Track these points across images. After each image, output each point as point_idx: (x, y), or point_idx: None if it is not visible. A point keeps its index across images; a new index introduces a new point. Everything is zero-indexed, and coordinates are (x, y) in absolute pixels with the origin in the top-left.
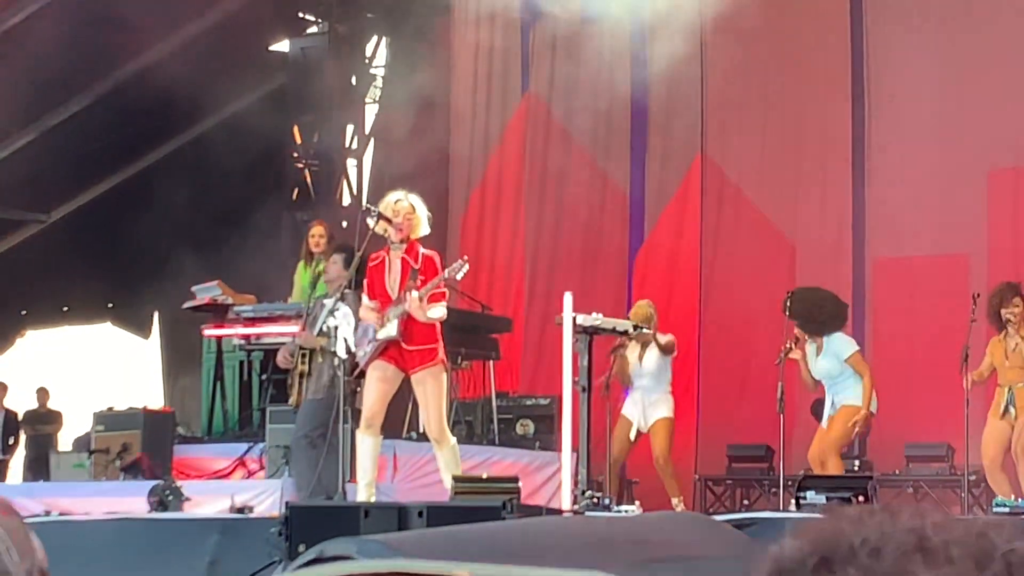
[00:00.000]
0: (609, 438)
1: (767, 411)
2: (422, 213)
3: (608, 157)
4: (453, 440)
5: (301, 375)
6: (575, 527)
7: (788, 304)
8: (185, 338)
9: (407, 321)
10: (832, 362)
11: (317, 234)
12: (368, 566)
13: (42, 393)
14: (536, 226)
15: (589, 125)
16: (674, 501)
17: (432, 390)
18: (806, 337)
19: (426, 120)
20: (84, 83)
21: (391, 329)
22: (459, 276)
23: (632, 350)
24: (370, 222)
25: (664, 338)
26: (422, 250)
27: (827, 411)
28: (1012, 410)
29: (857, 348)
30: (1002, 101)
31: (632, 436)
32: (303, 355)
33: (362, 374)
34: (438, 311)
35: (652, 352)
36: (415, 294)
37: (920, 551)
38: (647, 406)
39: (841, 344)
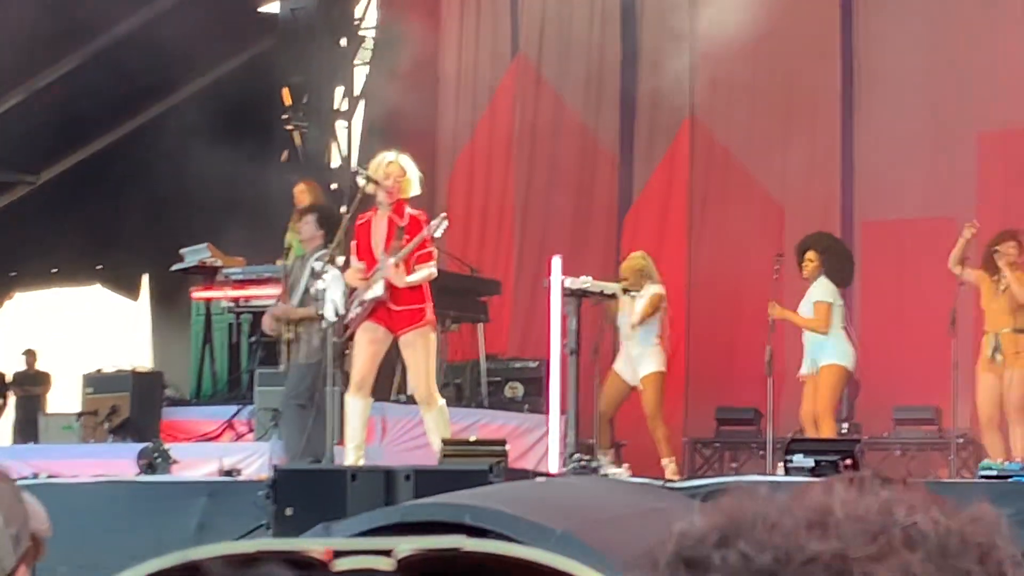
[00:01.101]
0: (597, 400)
1: (755, 374)
2: (413, 175)
3: (598, 119)
4: (442, 402)
5: (288, 342)
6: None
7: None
8: (174, 300)
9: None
10: (808, 306)
11: (298, 191)
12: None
13: (30, 355)
14: (525, 188)
15: (580, 87)
16: (664, 462)
17: (421, 351)
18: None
19: (416, 82)
20: (73, 44)
21: (378, 289)
22: (438, 233)
23: (624, 300)
24: (360, 183)
25: (648, 295)
26: (409, 210)
27: (806, 362)
28: (999, 356)
29: (832, 302)
30: (992, 63)
31: (621, 391)
32: (287, 323)
33: (351, 336)
34: (422, 273)
35: (640, 304)
36: (390, 260)
37: (817, 526)
38: (635, 360)
39: (822, 289)
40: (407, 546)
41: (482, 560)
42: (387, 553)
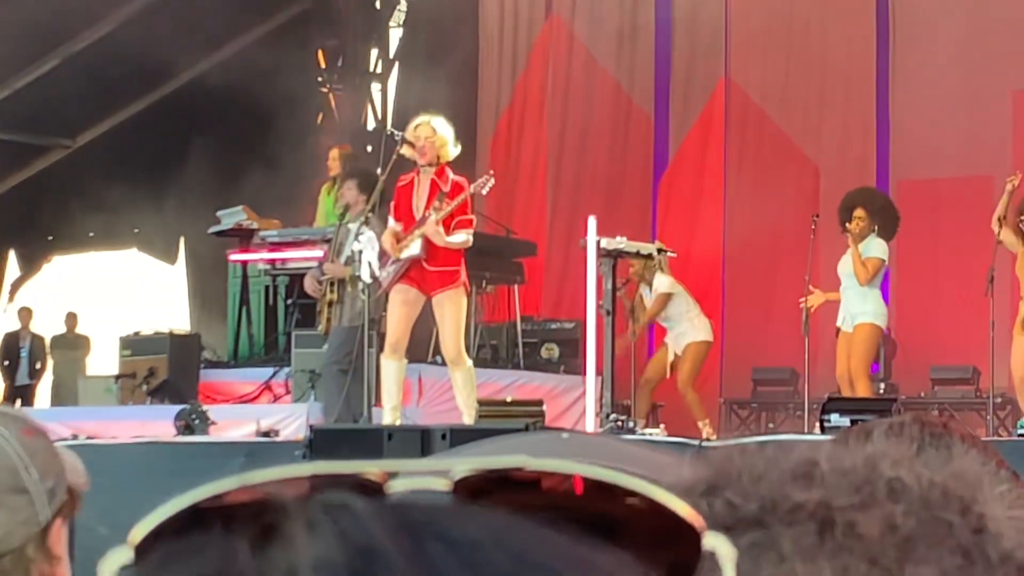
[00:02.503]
0: (634, 361)
1: (792, 334)
2: (446, 134)
3: (632, 80)
4: (469, 363)
5: (330, 303)
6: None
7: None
8: (211, 263)
9: (431, 241)
10: (849, 262)
11: (331, 157)
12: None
13: (71, 318)
14: (559, 150)
15: (613, 48)
16: (700, 424)
17: (451, 311)
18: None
19: (451, 43)
20: (109, 8)
21: (415, 248)
22: (484, 191)
23: (644, 290)
24: (396, 148)
25: (660, 285)
26: (452, 175)
27: (841, 315)
28: None
29: (885, 260)
30: None
31: (668, 364)
32: (331, 283)
33: (385, 294)
34: (460, 237)
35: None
36: (433, 217)
37: (803, 478)
38: (676, 337)
39: (877, 246)
40: (464, 466)
41: (541, 480)
42: (444, 473)
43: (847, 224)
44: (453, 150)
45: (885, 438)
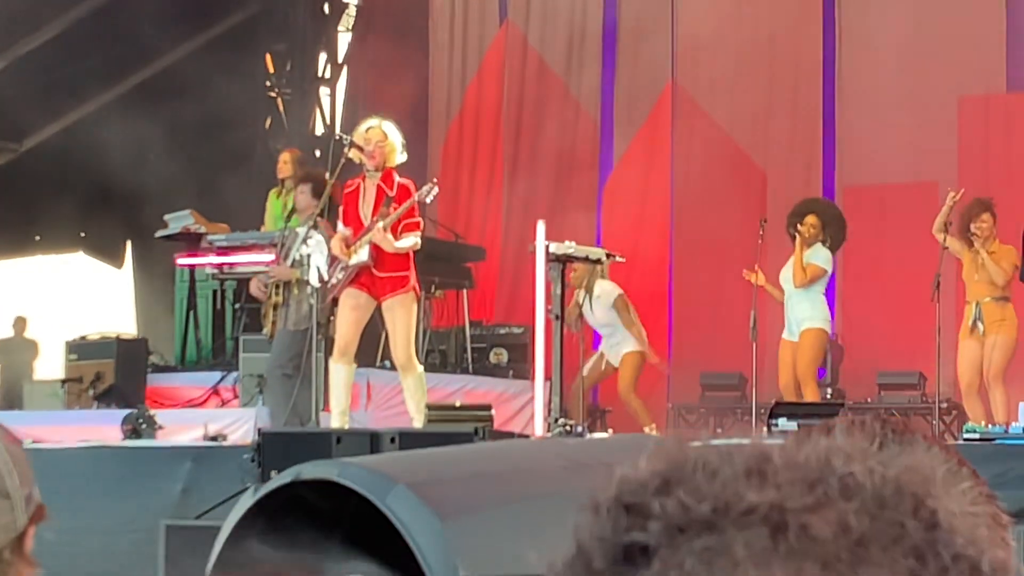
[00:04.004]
0: (580, 367)
1: (740, 339)
2: (396, 140)
3: (580, 84)
4: (420, 368)
5: (275, 306)
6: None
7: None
8: (158, 267)
9: (379, 247)
10: (794, 270)
11: (281, 160)
12: None
13: (19, 322)
14: (513, 155)
15: (562, 51)
16: (647, 429)
17: (400, 317)
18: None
19: (402, 49)
20: (55, 11)
21: (363, 255)
22: (428, 199)
23: (584, 300)
24: (344, 149)
25: (607, 296)
26: (398, 178)
27: (788, 325)
28: (980, 325)
29: (828, 271)
30: (973, 27)
31: (602, 371)
32: (277, 286)
33: (335, 301)
34: (408, 241)
35: (597, 303)
36: (380, 224)
37: (755, 475)
38: (611, 347)
39: (821, 255)
40: None
41: None
42: None
43: (798, 227)
44: (400, 156)
45: (847, 435)
